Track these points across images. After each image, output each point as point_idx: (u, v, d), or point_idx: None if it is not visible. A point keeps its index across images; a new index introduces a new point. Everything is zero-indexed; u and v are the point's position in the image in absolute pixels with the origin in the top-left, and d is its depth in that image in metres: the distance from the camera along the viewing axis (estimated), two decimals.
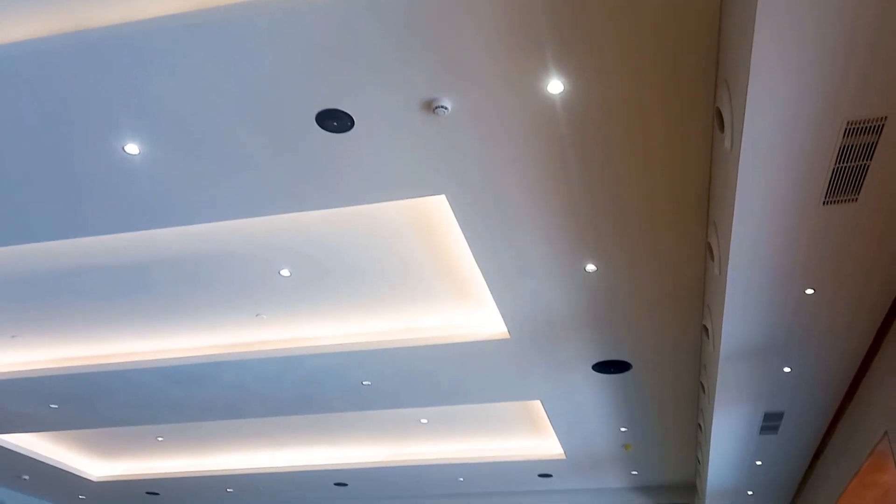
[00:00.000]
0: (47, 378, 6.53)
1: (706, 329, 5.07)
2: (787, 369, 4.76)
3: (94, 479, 9.56)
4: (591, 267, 4.69)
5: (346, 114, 3.52)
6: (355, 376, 6.36)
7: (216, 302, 5.63)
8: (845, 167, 3.03)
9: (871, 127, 2.82)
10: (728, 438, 6.07)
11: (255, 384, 6.57)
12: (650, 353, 5.75)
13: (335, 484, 9.61)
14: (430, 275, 5.25)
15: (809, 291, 3.90)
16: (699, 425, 6.99)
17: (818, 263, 3.65)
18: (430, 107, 3.45)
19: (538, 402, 7.04)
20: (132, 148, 3.84)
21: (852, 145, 2.91)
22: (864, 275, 3.75)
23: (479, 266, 4.75)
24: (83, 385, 6.64)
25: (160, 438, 8.55)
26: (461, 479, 9.35)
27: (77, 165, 3.99)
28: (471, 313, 5.70)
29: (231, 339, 6.18)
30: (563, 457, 8.41)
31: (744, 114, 2.79)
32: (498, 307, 5.23)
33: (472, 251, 4.60)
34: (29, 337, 6.24)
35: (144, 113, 3.59)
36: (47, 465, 8.91)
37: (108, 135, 3.75)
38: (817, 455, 6.31)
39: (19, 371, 6.58)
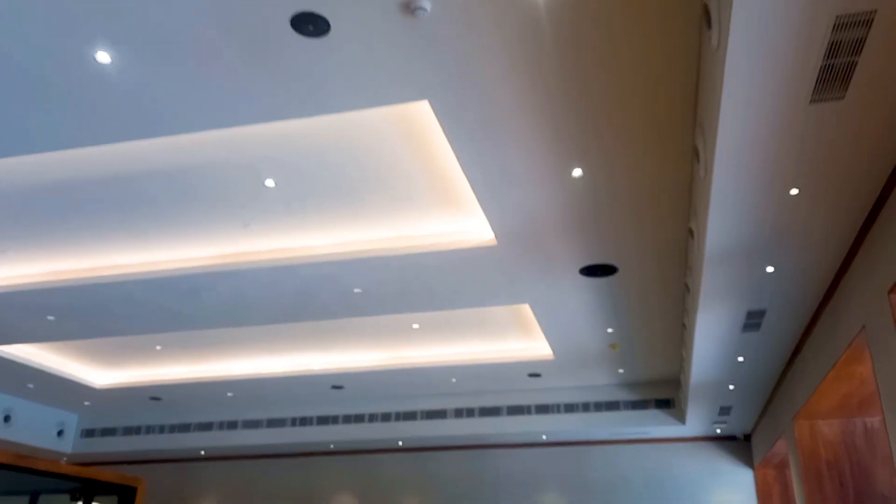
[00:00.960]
0: (42, 291, 6.60)
1: (691, 231, 5.11)
2: (769, 269, 4.83)
3: (97, 386, 9.83)
4: (577, 172, 4.67)
5: (321, 17, 3.40)
6: (347, 284, 6.44)
7: (204, 214, 5.62)
8: (833, 64, 2.98)
9: (860, 21, 2.75)
10: (711, 336, 6.23)
11: (250, 294, 6.66)
12: (636, 256, 5.82)
13: (332, 387, 9.91)
14: (417, 183, 5.23)
15: (794, 192, 3.91)
16: (683, 324, 7.17)
17: (804, 163, 3.65)
18: (409, 7, 3.33)
19: (527, 306, 7.17)
20: (103, 57, 3.73)
21: (841, 41, 2.85)
22: (849, 175, 3.75)
23: (465, 173, 4.73)
24: (78, 297, 6.72)
25: (158, 347, 8.74)
26: (453, 380, 9.64)
27: (49, 76, 3.89)
28: (459, 221, 5.72)
29: (223, 250, 6.22)
30: (552, 357, 8.66)
31: (731, 9, 2.71)
32: (485, 214, 5.24)
33: (457, 158, 4.56)
34: (20, 251, 6.26)
35: (114, 19, 3.47)
36: (51, 374, 9.14)
37: (79, 44, 3.63)
38: (797, 350, 6.50)
39: (13, 284, 6.64)
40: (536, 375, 9.43)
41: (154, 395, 10.24)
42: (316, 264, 6.07)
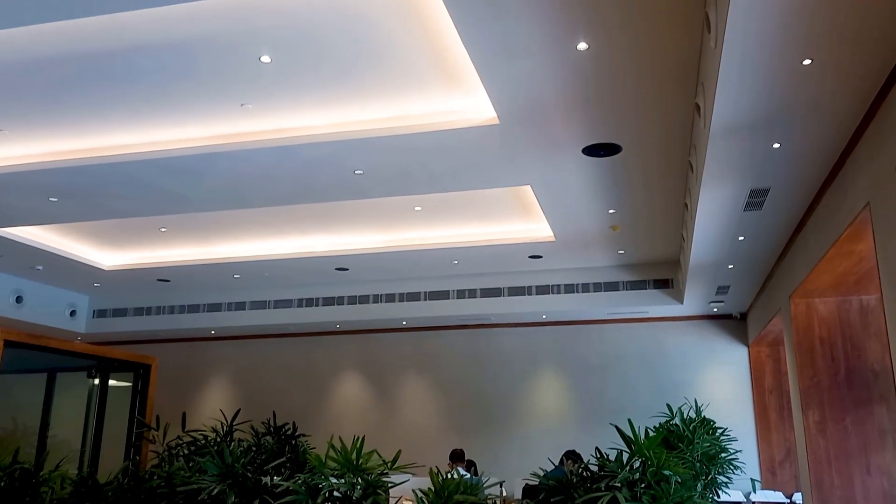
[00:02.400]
0: (41, 172, 6.56)
1: (698, 107, 4.99)
2: (776, 145, 4.76)
3: (105, 268, 9.98)
4: (582, 45, 4.50)
5: None
6: (348, 165, 6.39)
7: (200, 91, 5.49)
8: None
9: None
10: (713, 216, 6.23)
11: (250, 175, 6.62)
12: (640, 134, 5.72)
13: (336, 269, 10.05)
14: (419, 61, 5.06)
15: (807, 62, 3.78)
16: (686, 205, 7.15)
17: (818, 31, 3.50)
18: None
19: (529, 188, 7.14)
20: None
21: None
22: (863, 45, 3.61)
23: (465, 46, 4.56)
24: (78, 178, 6.69)
25: (163, 229, 8.79)
26: (455, 262, 9.76)
27: None
28: (461, 100, 5.59)
29: (221, 130, 6.12)
30: (553, 239, 8.71)
31: None
32: (487, 91, 5.11)
33: (457, 28, 4.38)
34: (15, 131, 6.18)
35: None
36: (59, 255, 9.26)
37: None
38: (798, 229, 6.52)
39: (13, 165, 6.60)
40: (537, 257, 9.53)
41: (162, 276, 10.41)
42: (315, 145, 5.99)
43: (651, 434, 4.48)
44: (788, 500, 9.54)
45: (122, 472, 4.88)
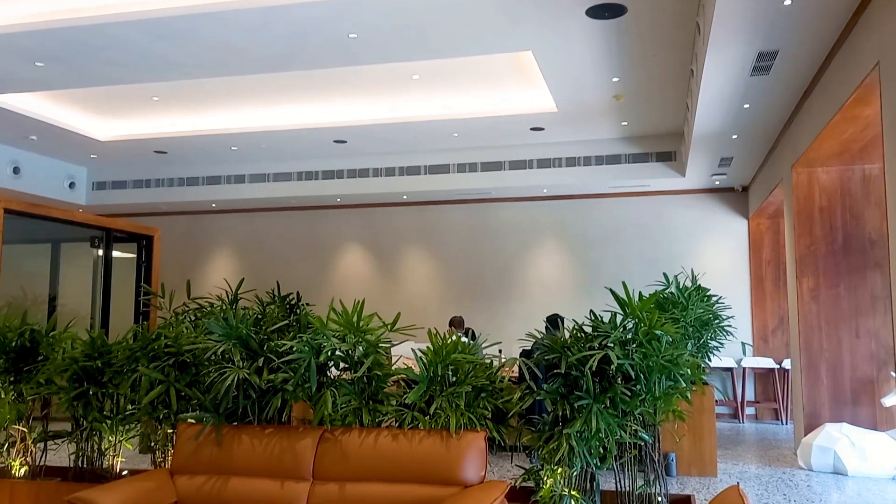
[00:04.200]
0: (25, 34, 6.33)
1: None
2: (787, 2, 4.54)
3: (101, 139, 9.87)
4: None
5: None
6: (341, 28, 6.14)
7: None
8: None
9: None
10: (719, 82, 6.05)
11: (239, 38, 6.38)
12: None
13: (335, 141, 9.93)
14: None
15: None
16: (691, 71, 6.94)
17: None
18: None
19: (530, 54, 6.90)
20: None
21: None
22: None
23: None
24: (63, 41, 6.46)
25: (155, 98, 8.61)
26: (455, 135, 9.62)
27: None
28: None
29: None
30: (555, 110, 8.54)
31: None
32: None
33: None
34: None
35: None
36: (52, 125, 9.13)
37: None
38: (805, 95, 6.35)
39: None
40: (539, 129, 9.38)
41: (159, 148, 10.31)
42: (307, 4, 5.73)
43: (645, 297, 4.55)
44: (778, 366, 9.89)
45: (132, 334, 5.01)
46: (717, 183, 10.29)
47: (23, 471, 5.08)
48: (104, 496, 3.94)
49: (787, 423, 9.63)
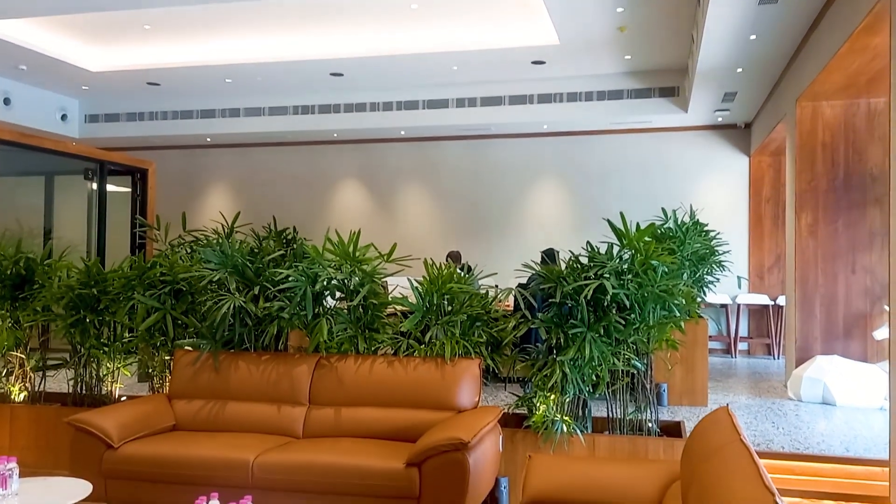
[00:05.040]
0: None
1: None
2: None
3: (92, 70, 9.66)
4: None
5: None
6: None
7: None
8: None
9: None
10: (726, 12, 5.88)
11: None
12: None
13: (331, 74, 9.74)
14: None
15: None
16: (697, 0, 6.75)
17: None
18: None
19: None
20: None
21: None
22: None
23: None
24: None
25: (147, 27, 8.39)
26: (455, 68, 9.43)
27: None
28: None
29: None
30: (557, 43, 8.34)
31: None
32: None
33: None
34: None
35: None
36: (41, 55, 8.93)
37: None
38: (813, 26, 6.19)
39: None
40: (540, 63, 9.19)
41: (151, 80, 10.11)
42: None
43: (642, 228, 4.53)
44: (773, 303, 9.95)
45: (128, 263, 5.00)
46: (720, 119, 10.15)
47: (22, 396, 5.15)
48: (103, 418, 3.99)
49: (778, 359, 9.75)
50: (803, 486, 4.49)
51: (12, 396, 5.13)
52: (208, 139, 11.79)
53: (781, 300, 9.77)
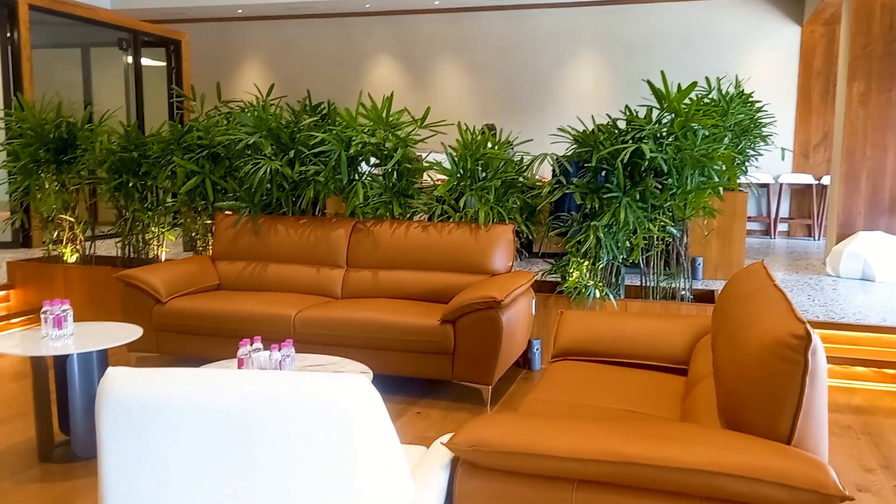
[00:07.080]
0: None
1: None
2: None
3: None
4: None
5: None
6: None
7: None
8: None
9: None
10: None
11: None
12: None
13: None
14: None
15: None
16: None
17: None
18: None
19: None
20: None
21: None
22: None
23: None
24: None
25: None
26: None
27: None
28: None
29: None
30: None
31: None
32: None
33: None
34: None
35: None
36: None
37: None
38: None
39: None
40: None
41: None
42: None
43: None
44: (816, 182, 9.72)
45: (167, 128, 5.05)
46: None
47: (74, 257, 5.37)
48: (151, 274, 4.17)
49: (819, 240, 9.62)
50: (837, 353, 4.55)
51: (65, 258, 5.36)
52: (239, 10, 11.51)
53: (826, 180, 9.52)
